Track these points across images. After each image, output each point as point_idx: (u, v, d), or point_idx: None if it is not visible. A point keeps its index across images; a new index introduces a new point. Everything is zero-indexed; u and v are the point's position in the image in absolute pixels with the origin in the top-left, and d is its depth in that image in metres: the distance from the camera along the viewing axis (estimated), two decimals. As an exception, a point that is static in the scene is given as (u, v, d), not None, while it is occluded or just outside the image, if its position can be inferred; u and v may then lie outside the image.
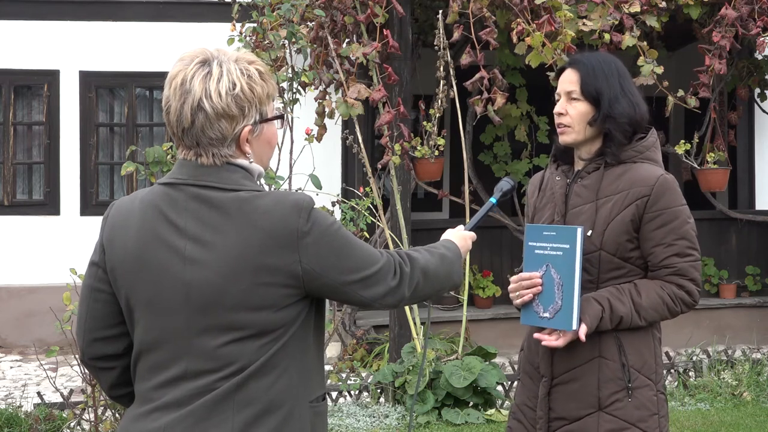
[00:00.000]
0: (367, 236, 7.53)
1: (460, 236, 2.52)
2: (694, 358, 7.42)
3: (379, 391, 6.76)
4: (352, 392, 6.81)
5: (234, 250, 1.96)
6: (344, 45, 7.33)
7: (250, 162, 2.08)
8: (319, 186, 5.88)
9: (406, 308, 7.02)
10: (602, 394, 2.73)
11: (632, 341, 2.75)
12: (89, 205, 10.24)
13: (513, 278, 2.87)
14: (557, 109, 2.87)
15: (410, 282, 2.16)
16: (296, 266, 1.98)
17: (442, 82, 7.17)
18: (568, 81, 2.86)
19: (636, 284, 2.75)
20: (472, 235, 2.60)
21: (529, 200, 3.09)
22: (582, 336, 2.67)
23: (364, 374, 7.13)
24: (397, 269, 2.14)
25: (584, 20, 6.85)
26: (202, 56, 2.04)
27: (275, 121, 2.15)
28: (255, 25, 6.83)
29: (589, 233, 2.74)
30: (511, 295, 2.87)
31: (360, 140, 7.23)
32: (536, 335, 2.78)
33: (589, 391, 2.74)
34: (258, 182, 2.12)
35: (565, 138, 2.87)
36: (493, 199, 2.90)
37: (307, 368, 2.07)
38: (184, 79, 2.02)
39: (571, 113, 2.83)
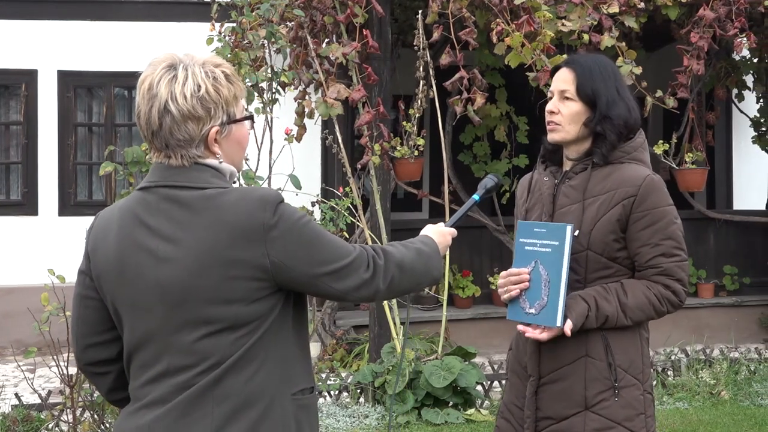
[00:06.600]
0: (347, 236, 7.52)
1: (438, 232, 2.50)
2: (673, 358, 7.46)
3: (358, 391, 6.76)
4: (332, 392, 6.80)
5: (202, 246, 2.00)
6: (324, 45, 7.32)
7: (220, 162, 2.12)
8: (298, 186, 5.88)
9: (386, 308, 7.02)
10: (589, 393, 2.73)
11: (619, 341, 2.75)
12: (67, 206, 10.17)
13: (502, 273, 2.88)
14: (549, 107, 2.87)
15: (385, 275, 2.17)
16: (264, 259, 2.01)
17: (421, 82, 7.17)
18: (563, 80, 2.85)
19: (623, 284, 2.76)
20: (452, 231, 2.57)
21: (518, 202, 3.08)
22: (567, 331, 2.67)
23: (343, 374, 7.12)
24: (371, 262, 2.15)
25: (563, 21, 6.87)
26: (170, 60, 2.10)
27: (246, 122, 2.18)
28: (234, 24, 6.82)
29: (576, 233, 2.74)
30: (499, 290, 2.88)
31: (340, 140, 7.22)
32: (520, 327, 2.79)
33: (575, 391, 2.74)
34: (231, 182, 2.16)
35: (553, 136, 2.87)
36: (476, 196, 2.88)
37: (287, 361, 2.10)
38: (151, 83, 2.07)
39: (563, 112, 2.83)
